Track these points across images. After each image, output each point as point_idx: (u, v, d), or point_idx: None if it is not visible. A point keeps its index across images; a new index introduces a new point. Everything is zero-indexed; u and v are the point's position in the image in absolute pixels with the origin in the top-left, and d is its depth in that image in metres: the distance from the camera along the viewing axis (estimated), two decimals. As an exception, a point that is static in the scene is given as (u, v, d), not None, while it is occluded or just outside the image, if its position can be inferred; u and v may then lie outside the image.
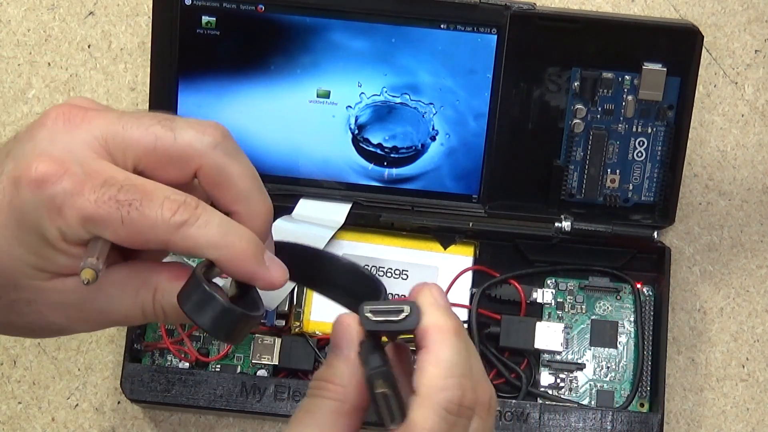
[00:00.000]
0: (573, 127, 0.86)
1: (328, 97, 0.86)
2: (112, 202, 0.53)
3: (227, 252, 0.54)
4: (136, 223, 0.53)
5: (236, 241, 0.55)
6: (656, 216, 0.88)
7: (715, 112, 0.93)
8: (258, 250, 0.56)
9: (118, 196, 0.53)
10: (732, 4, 0.94)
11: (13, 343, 0.89)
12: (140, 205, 0.53)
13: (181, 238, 0.54)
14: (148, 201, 0.53)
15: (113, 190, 0.53)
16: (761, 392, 0.89)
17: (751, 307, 0.90)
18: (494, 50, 0.84)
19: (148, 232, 0.53)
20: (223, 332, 0.56)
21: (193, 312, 0.54)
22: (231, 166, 0.56)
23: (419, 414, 0.53)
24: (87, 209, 0.53)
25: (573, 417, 0.83)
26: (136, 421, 0.88)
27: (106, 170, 0.54)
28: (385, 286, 0.59)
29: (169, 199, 0.53)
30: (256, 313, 0.57)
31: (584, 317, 0.88)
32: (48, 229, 0.53)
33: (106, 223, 0.53)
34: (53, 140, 0.54)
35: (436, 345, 0.54)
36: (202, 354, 0.86)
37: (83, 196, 0.53)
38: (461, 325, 0.56)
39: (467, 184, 0.88)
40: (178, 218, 0.53)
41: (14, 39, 0.94)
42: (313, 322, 0.86)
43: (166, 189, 0.54)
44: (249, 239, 0.55)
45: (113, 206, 0.53)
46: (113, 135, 0.55)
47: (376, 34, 0.84)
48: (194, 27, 0.84)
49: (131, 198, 0.53)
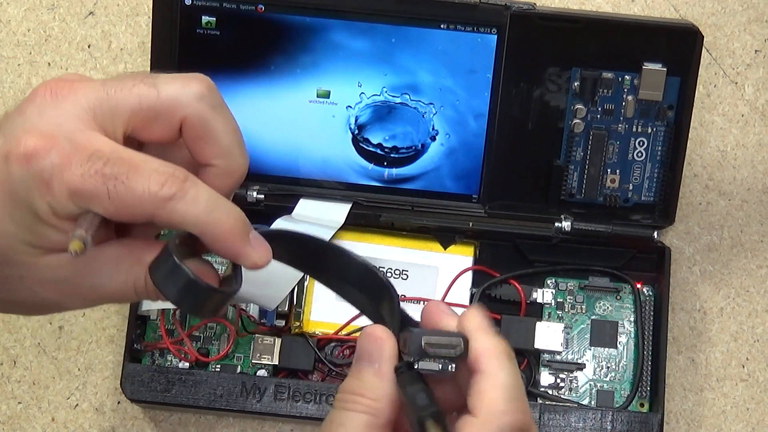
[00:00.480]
0: (573, 127, 0.86)
1: (328, 97, 0.86)
2: (98, 176, 0.52)
3: (213, 229, 0.54)
4: (122, 196, 0.53)
5: (223, 218, 0.54)
6: (656, 216, 0.88)
7: (715, 112, 0.93)
8: (244, 229, 0.55)
9: (104, 170, 0.52)
10: (732, 4, 0.94)
11: (13, 343, 0.89)
12: (126, 179, 0.52)
13: (168, 213, 0.53)
14: (134, 174, 0.53)
15: (99, 163, 0.52)
16: (761, 392, 0.89)
17: (751, 307, 0.90)
18: (494, 50, 0.84)
19: (135, 205, 0.53)
20: (188, 305, 0.55)
21: (161, 283, 0.54)
22: (215, 119, 0.56)
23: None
24: (74, 183, 0.52)
25: (573, 417, 0.83)
26: (136, 421, 0.88)
27: (93, 143, 0.53)
28: (395, 290, 0.58)
29: (157, 172, 0.53)
30: (227, 290, 0.56)
31: (584, 317, 0.88)
32: (38, 204, 0.53)
33: (92, 197, 0.53)
34: (42, 114, 0.54)
35: (493, 368, 0.53)
36: (202, 354, 0.86)
37: (70, 170, 0.52)
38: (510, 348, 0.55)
39: (467, 184, 0.88)
40: (166, 192, 0.53)
41: (14, 39, 0.94)
42: (313, 322, 0.86)
43: (154, 161, 0.53)
44: (236, 217, 0.55)
45: (99, 180, 0.52)
46: (99, 103, 0.54)
47: (376, 34, 0.84)
48: (194, 27, 0.84)
49: (117, 171, 0.52)
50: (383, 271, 0.88)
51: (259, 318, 0.87)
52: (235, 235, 0.55)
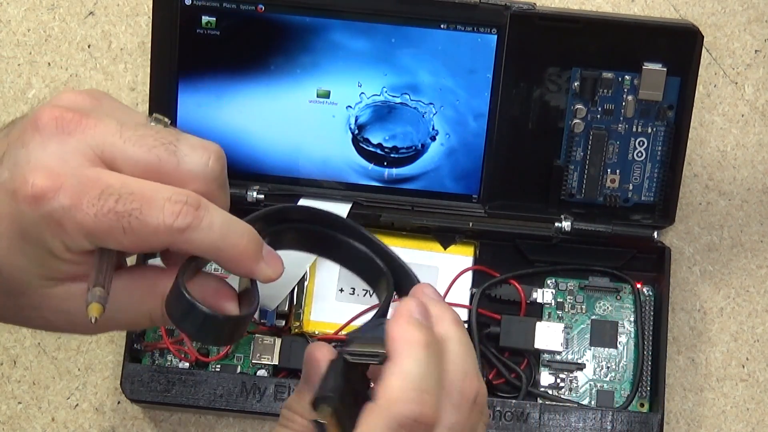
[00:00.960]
0: (573, 127, 0.86)
1: (328, 97, 0.86)
2: (112, 214, 0.52)
3: (228, 252, 0.54)
4: (137, 231, 0.52)
5: (237, 241, 0.55)
6: (656, 216, 0.88)
7: (715, 112, 0.93)
8: (258, 248, 0.55)
9: (117, 208, 0.52)
10: (732, 4, 0.94)
11: (13, 343, 0.89)
12: (140, 214, 0.52)
13: (184, 242, 0.53)
14: (148, 208, 0.52)
15: (111, 201, 0.52)
16: (761, 392, 0.89)
17: (751, 307, 0.90)
18: (494, 50, 0.84)
19: (151, 239, 0.53)
20: (211, 338, 0.55)
21: (179, 322, 0.54)
22: (220, 199, 0.56)
23: (369, 421, 0.51)
24: (87, 224, 0.52)
25: (573, 417, 0.83)
26: (136, 421, 0.88)
27: (101, 178, 0.52)
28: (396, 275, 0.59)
29: (170, 201, 0.53)
30: (245, 314, 0.56)
31: (584, 317, 0.88)
32: (51, 242, 0.53)
33: (107, 235, 0.52)
34: (46, 148, 0.53)
35: (399, 356, 0.52)
36: (202, 354, 0.86)
37: (82, 211, 0.52)
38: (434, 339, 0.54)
39: (467, 184, 0.88)
40: (181, 223, 0.53)
41: (14, 39, 0.94)
42: (312, 322, 0.86)
43: (165, 190, 0.53)
44: (249, 238, 0.55)
45: (113, 218, 0.52)
46: (111, 148, 0.53)
47: (376, 34, 0.84)
48: (194, 27, 0.84)
49: (131, 207, 0.52)
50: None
51: (259, 318, 0.87)
52: (249, 255, 0.55)
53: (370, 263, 0.61)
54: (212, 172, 0.55)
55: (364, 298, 0.87)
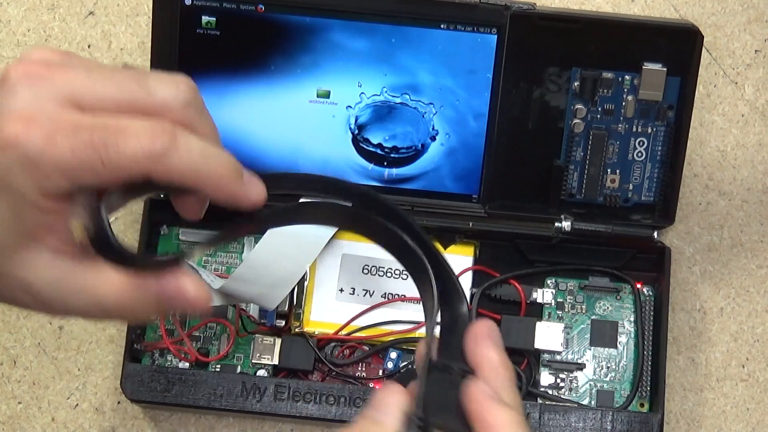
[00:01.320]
0: (573, 127, 0.86)
1: (328, 97, 0.86)
2: (88, 146, 0.51)
3: (210, 176, 0.54)
4: (116, 161, 0.52)
5: (218, 165, 0.54)
6: (656, 216, 0.88)
7: (715, 112, 0.93)
8: (238, 171, 0.55)
9: (93, 139, 0.51)
10: (732, 4, 0.94)
11: (13, 343, 0.89)
12: (117, 143, 0.52)
13: (164, 167, 0.53)
14: (123, 136, 0.52)
15: (86, 134, 0.52)
16: (761, 392, 0.89)
17: (751, 307, 0.90)
18: (494, 50, 0.84)
19: (130, 166, 0.52)
20: None
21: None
22: (199, 125, 0.55)
23: None
24: (64, 159, 0.51)
25: (573, 417, 0.83)
26: (136, 421, 0.88)
27: (74, 117, 0.52)
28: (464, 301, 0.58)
29: (145, 128, 0.52)
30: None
31: (584, 317, 0.88)
32: (26, 187, 0.52)
33: (86, 169, 0.52)
34: (16, 96, 0.53)
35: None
36: (202, 354, 0.86)
37: (57, 147, 0.51)
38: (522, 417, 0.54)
39: (467, 184, 0.88)
40: (159, 146, 0.52)
41: (14, 39, 0.94)
42: (313, 322, 0.86)
43: (140, 119, 0.53)
44: (228, 160, 0.55)
45: (90, 151, 0.51)
46: (81, 89, 0.53)
47: (376, 34, 0.84)
48: (194, 27, 0.85)
49: (106, 137, 0.52)
50: (383, 271, 0.88)
51: (259, 318, 0.87)
52: (231, 178, 0.55)
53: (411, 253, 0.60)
54: (186, 99, 0.55)
55: (364, 298, 0.87)
